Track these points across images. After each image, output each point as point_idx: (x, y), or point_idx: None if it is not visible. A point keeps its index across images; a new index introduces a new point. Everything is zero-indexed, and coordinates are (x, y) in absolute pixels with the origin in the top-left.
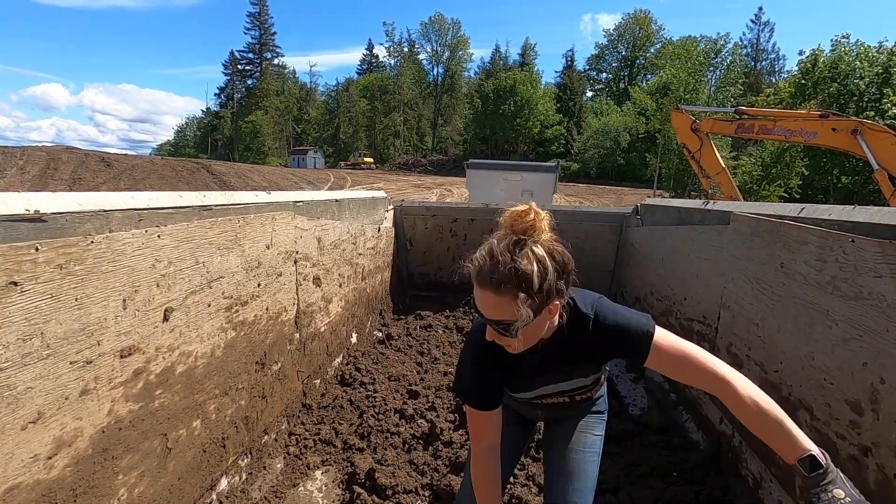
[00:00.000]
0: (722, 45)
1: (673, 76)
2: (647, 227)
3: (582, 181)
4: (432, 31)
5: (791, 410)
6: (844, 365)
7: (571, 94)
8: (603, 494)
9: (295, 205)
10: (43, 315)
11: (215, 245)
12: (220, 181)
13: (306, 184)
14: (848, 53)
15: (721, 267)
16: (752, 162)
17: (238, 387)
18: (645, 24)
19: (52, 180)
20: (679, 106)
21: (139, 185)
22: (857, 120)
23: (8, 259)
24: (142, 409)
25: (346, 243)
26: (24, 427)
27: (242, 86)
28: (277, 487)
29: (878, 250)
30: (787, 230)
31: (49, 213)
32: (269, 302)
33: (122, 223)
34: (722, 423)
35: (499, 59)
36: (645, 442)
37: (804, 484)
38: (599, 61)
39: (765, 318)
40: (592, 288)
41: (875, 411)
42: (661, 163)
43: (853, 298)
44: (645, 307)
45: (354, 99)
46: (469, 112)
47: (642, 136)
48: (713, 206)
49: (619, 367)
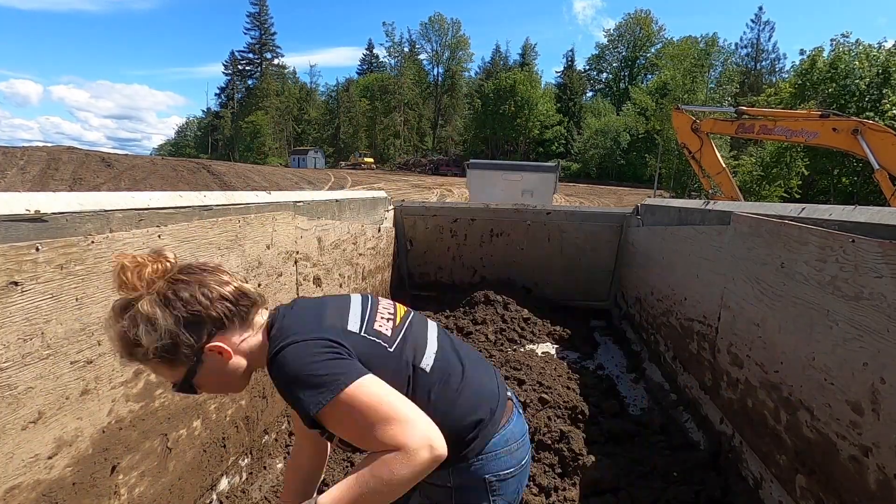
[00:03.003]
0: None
1: (671, 77)
2: (647, 228)
3: (582, 181)
4: (432, 31)
5: (791, 411)
6: (845, 365)
7: (571, 95)
8: (603, 494)
9: (295, 205)
10: (43, 315)
11: (216, 245)
12: (221, 181)
13: (306, 184)
14: (847, 53)
15: (721, 267)
16: (753, 162)
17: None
18: (645, 24)
19: (53, 180)
20: (679, 106)
21: (139, 185)
22: (858, 120)
23: (8, 259)
24: (142, 408)
25: (347, 243)
26: (25, 427)
27: (243, 86)
28: (278, 487)
29: (879, 250)
30: (788, 230)
31: (50, 213)
32: (269, 302)
33: (123, 223)
34: (722, 423)
35: (499, 60)
36: (645, 442)
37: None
38: (599, 61)
39: (765, 318)
40: (593, 288)
41: (875, 411)
42: (661, 163)
43: (853, 298)
44: (645, 307)
45: (355, 99)
46: (469, 112)
47: (642, 137)
48: (713, 207)
49: (619, 367)
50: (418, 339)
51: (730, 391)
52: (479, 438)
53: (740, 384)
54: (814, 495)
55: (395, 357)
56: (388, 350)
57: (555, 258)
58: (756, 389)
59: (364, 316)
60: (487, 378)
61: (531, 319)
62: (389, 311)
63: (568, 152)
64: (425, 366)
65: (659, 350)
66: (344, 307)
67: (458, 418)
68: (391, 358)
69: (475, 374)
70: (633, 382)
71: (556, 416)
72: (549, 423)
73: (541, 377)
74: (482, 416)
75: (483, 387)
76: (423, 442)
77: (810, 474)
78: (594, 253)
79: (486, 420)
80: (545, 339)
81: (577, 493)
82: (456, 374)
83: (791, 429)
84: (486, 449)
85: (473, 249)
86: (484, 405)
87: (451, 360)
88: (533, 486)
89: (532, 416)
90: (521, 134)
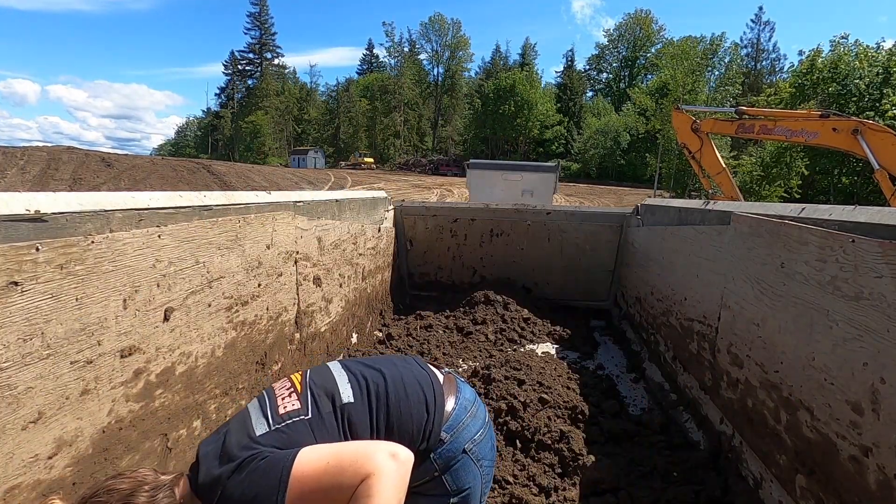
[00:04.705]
0: (718, 45)
1: (671, 77)
2: (647, 228)
3: (582, 181)
4: (432, 32)
5: (791, 411)
6: (845, 365)
7: (571, 95)
8: (603, 494)
9: (295, 205)
10: (43, 315)
11: (216, 245)
12: (221, 181)
13: (306, 184)
14: (847, 54)
15: (721, 267)
16: (753, 162)
17: (238, 387)
18: (645, 25)
19: (53, 180)
20: (679, 106)
21: (139, 185)
22: (858, 120)
23: (8, 259)
24: (142, 408)
25: (347, 243)
26: (25, 427)
27: (243, 86)
28: None
29: (879, 250)
30: (788, 230)
31: (50, 213)
32: (269, 302)
33: (123, 223)
34: (722, 423)
35: (499, 60)
36: (645, 442)
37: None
38: (599, 61)
39: (765, 318)
40: (593, 288)
41: (875, 411)
42: (662, 163)
43: (853, 298)
44: (645, 307)
45: (355, 99)
46: (469, 112)
47: (642, 136)
48: (713, 207)
49: (618, 367)
50: (326, 385)
51: (730, 391)
52: (436, 421)
53: (740, 384)
54: (814, 495)
55: (315, 418)
56: (306, 418)
57: (555, 258)
58: (756, 389)
59: (265, 412)
60: (409, 367)
61: (531, 319)
62: (287, 387)
63: (568, 152)
64: (346, 398)
65: (659, 350)
66: (245, 420)
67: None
68: (313, 421)
69: (396, 371)
70: (633, 382)
71: (556, 416)
72: (549, 423)
73: (541, 377)
74: (426, 402)
75: (411, 375)
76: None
77: (810, 474)
78: (594, 253)
79: (434, 402)
80: (545, 339)
81: (577, 493)
82: (380, 386)
83: (791, 429)
84: (451, 424)
85: (473, 249)
86: (424, 389)
87: (367, 376)
88: (533, 486)
89: (532, 416)
90: (521, 134)
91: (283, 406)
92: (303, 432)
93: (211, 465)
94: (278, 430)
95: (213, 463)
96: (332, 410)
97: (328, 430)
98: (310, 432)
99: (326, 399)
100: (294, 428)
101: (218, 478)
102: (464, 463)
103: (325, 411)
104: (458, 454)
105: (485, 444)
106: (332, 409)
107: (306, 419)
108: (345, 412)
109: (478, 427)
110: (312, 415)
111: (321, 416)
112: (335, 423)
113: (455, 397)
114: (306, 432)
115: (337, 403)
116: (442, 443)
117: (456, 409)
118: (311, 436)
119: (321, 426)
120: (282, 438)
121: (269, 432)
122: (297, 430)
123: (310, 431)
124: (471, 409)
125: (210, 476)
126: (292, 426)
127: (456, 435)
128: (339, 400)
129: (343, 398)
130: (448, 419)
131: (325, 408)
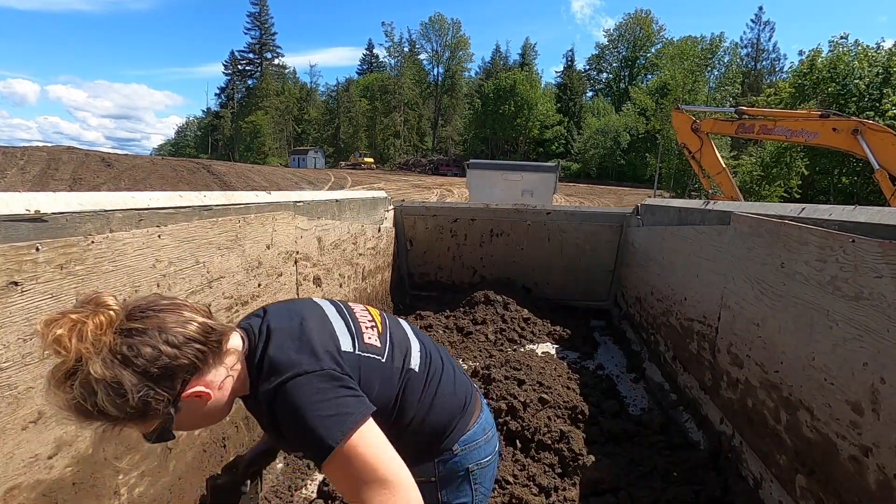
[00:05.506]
0: (718, 45)
1: (671, 77)
2: (647, 228)
3: (582, 181)
4: (432, 32)
5: (791, 411)
6: (845, 365)
7: (571, 95)
8: (603, 494)
9: (295, 205)
10: (44, 315)
11: (216, 245)
12: (221, 181)
13: (306, 184)
14: (847, 54)
15: (721, 267)
16: (753, 162)
17: None
18: (645, 25)
19: (53, 180)
20: (679, 106)
21: (139, 185)
22: (858, 120)
23: (8, 259)
24: None
25: (347, 243)
26: (25, 427)
27: (243, 86)
28: (277, 488)
29: (879, 250)
30: (788, 230)
31: (50, 213)
32: (269, 302)
33: (123, 223)
34: (722, 423)
35: (499, 60)
36: (645, 442)
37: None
38: (600, 61)
39: (765, 318)
40: (593, 288)
41: (875, 411)
42: (662, 163)
43: (853, 298)
44: (645, 307)
45: (355, 99)
46: (469, 112)
47: (642, 136)
48: (713, 207)
49: (618, 367)
50: (402, 342)
51: (730, 391)
52: (458, 429)
53: (740, 384)
54: (814, 495)
55: (387, 366)
56: (381, 361)
57: (555, 258)
58: (756, 389)
59: (351, 331)
60: (460, 371)
61: (531, 319)
62: (368, 318)
63: (568, 152)
64: (414, 366)
65: (659, 350)
66: (326, 322)
67: (443, 412)
68: (385, 368)
69: (453, 368)
70: (633, 382)
71: (556, 416)
72: (549, 423)
73: (541, 377)
74: (462, 408)
75: (459, 380)
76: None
77: (810, 474)
78: (594, 253)
79: (465, 411)
80: (545, 339)
81: (577, 493)
82: (438, 370)
83: (791, 429)
84: (466, 439)
85: (473, 249)
86: (462, 397)
87: (433, 356)
88: (533, 486)
89: (532, 416)
90: (521, 134)
91: (368, 336)
92: (375, 374)
93: (287, 345)
94: (360, 357)
95: (290, 344)
96: (401, 368)
97: (390, 385)
98: (378, 377)
99: (400, 354)
100: (370, 365)
101: (296, 364)
102: (463, 481)
103: (396, 366)
104: (461, 471)
105: (488, 470)
106: (402, 368)
107: (381, 362)
108: (407, 377)
109: (488, 452)
110: (386, 361)
111: (392, 368)
112: (397, 382)
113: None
114: (376, 376)
115: (406, 365)
116: (452, 453)
117: (475, 428)
118: (378, 382)
119: (388, 378)
120: (358, 369)
121: (353, 353)
122: (371, 368)
123: (379, 376)
124: (488, 432)
125: (286, 356)
126: (370, 362)
127: (467, 452)
128: (408, 362)
129: (411, 363)
130: (466, 432)
131: (398, 362)
